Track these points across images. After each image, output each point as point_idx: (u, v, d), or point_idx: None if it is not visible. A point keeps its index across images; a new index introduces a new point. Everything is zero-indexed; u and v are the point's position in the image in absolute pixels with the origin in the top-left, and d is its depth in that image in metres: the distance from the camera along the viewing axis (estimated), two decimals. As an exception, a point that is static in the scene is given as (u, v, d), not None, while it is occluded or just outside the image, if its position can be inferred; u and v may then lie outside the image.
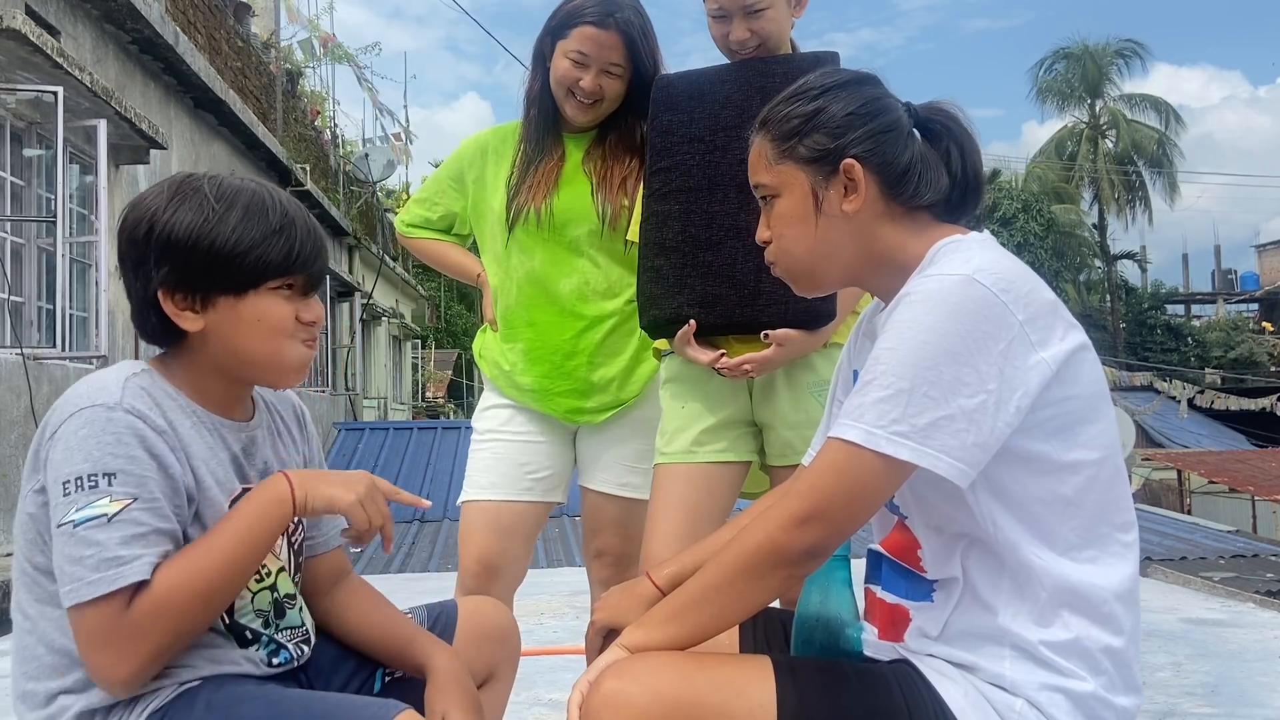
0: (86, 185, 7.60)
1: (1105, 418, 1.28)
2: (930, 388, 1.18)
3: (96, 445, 1.21)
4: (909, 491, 1.30)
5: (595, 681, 1.22)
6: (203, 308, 1.31)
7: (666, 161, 2.03)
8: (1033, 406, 1.21)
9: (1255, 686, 3.34)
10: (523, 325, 2.29)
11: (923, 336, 1.20)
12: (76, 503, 1.19)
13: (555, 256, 2.25)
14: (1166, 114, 36.52)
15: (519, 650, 1.69)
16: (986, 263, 1.24)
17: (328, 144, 16.87)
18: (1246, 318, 39.42)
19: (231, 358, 1.34)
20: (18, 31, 5.64)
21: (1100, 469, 1.26)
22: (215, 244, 1.28)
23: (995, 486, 1.24)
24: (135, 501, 1.21)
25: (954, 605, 1.27)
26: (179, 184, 1.33)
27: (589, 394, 2.27)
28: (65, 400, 1.26)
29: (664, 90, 2.08)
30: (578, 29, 2.17)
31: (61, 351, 6.62)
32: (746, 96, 1.98)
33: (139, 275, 1.32)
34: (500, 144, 2.36)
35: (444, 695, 1.42)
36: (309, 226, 1.36)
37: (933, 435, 1.18)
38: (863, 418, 1.20)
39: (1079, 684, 1.22)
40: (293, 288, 1.34)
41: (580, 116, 2.24)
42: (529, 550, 2.35)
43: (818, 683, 1.23)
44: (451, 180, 2.41)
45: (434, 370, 28.18)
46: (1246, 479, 12.59)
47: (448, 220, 2.43)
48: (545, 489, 2.30)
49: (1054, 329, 1.23)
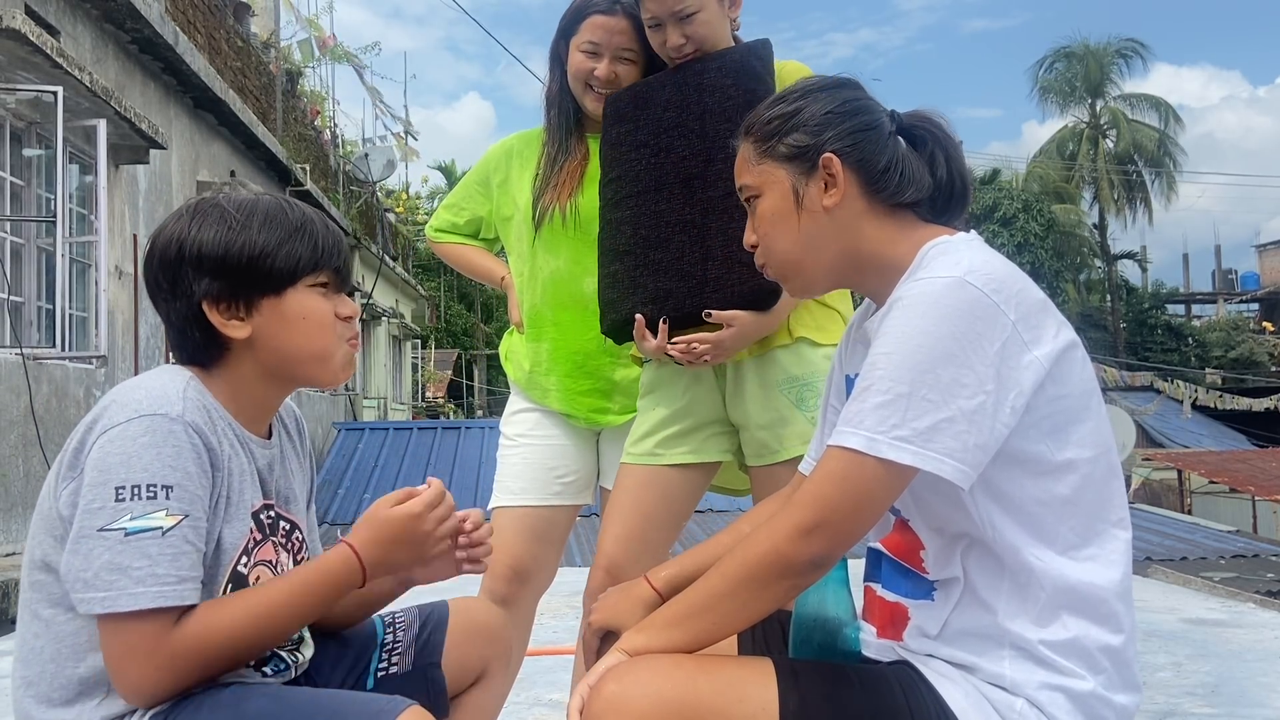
0: (86, 185, 7.60)
1: (1097, 415, 1.28)
2: (929, 390, 1.18)
3: (157, 456, 1.22)
4: (909, 493, 1.30)
5: (596, 685, 1.22)
6: (247, 313, 1.35)
7: (616, 171, 2.07)
8: (1028, 406, 1.22)
9: (1255, 686, 3.34)
10: (548, 325, 2.30)
11: (918, 340, 1.20)
12: (131, 510, 1.19)
13: (579, 256, 2.25)
14: (1166, 113, 36.54)
15: (510, 648, 1.69)
16: (977, 264, 1.24)
17: (327, 144, 16.87)
18: (1247, 318, 39.45)
19: (281, 359, 1.37)
20: (17, 31, 5.64)
21: (1094, 467, 1.26)
22: (245, 249, 1.33)
23: (992, 489, 1.24)
24: (186, 519, 1.22)
25: (954, 605, 1.27)
26: (195, 206, 1.38)
27: (611, 394, 2.28)
28: (120, 402, 1.26)
29: (612, 105, 2.12)
30: (587, 20, 2.21)
31: (61, 351, 6.62)
32: (685, 96, 2.01)
33: (177, 295, 1.35)
34: (525, 147, 2.38)
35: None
36: (326, 223, 1.41)
37: (934, 438, 1.18)
38: (863, 424, 1.20)
39: (1079, 683, 1.22)
40: (327, 286, 1.39)
41: (600, 108, 2.24)
42: (559, 556, 2.37)
43: (820, 685, 1.23)
44: (478, 185, 2.45)
45: (434, 370, 28.20)
46: (1247, 479, 12.59)
47: (474, 225, 2.47)
48: (574, 492, 2.32)
49: (1045, 327, 1.24)
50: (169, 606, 1.20)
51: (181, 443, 1.24)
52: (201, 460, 1.26)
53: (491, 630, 1.65)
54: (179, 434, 1.24)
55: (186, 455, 1.24)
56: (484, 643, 1.63)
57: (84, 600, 1.20)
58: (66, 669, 1.26)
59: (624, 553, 1.99)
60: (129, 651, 1.20)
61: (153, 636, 1.20)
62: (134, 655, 1.20)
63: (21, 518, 6.21)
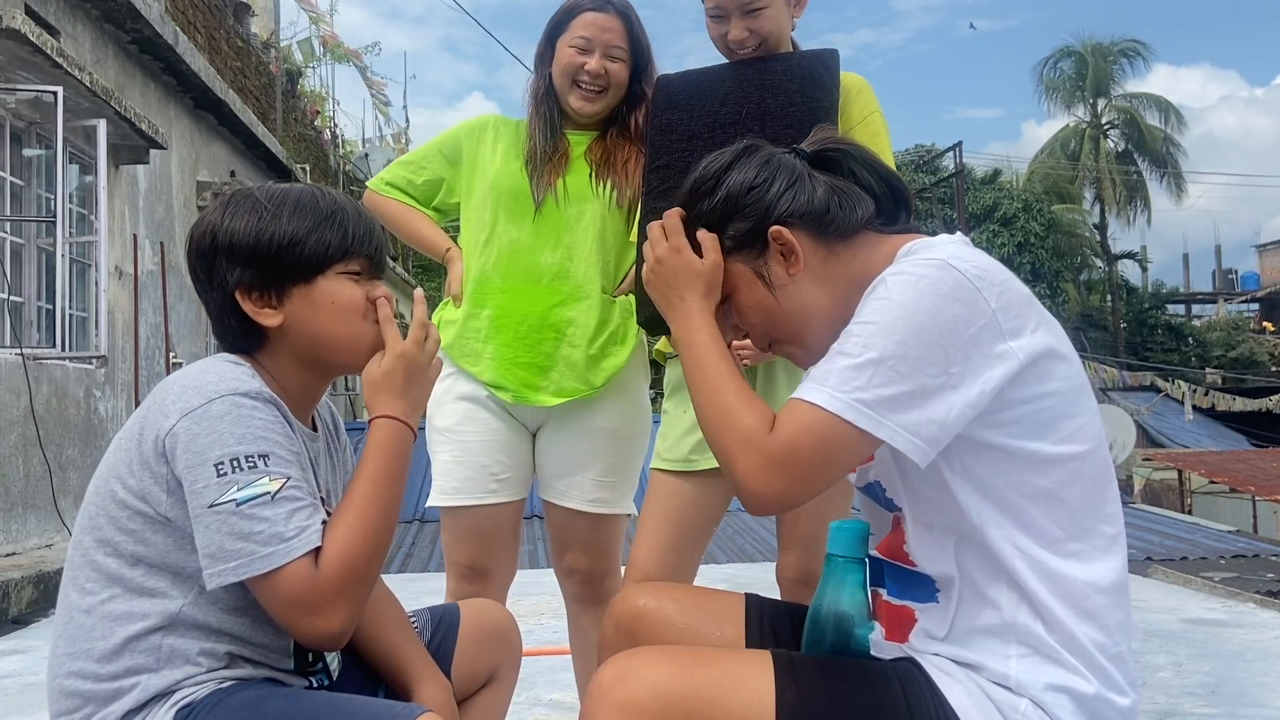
0: (86, 185, 7.60)
1: (1086, 411, 1.28)
2: (897, 362, 1.19)
3: (248, 428, 1.26)
4: (901, 483, 1.30)
5: (595, 677, 1.24)
6: (279, 302, 1.38)
7: (665, 159, 2.04)
8: (1002, 396, 1.22)
9: (1255, 686, 3.34)
10: (494, 291, 2.24)
11: (894, 313, 1.21)
12: (237, 482, 1.23)
13: (543, 231, 2.23)
14: (1168, 113, 36.52)
15: (520, 650, 1.70)
16: (962, 253, 1.25)
17: (327, 144, 16.88)
18: (1247, 318, 39.41)
19: (313, 345, 1.40)
20: (17, 31, 5.64)
21: (1084, 463, 1.26)
22: (275, 238, 1.36)
23: (977, 480, 1.24)
24: (289, 480, 1.27)
25: (956, 604, 1.27)
26: (231, 197, 1.42)
27: (547, 371, 2.21)
28: (193, 387, 1.29)
29: (664, 89, 2.09)
30: (579, 17, 2.21)
31: (61, 352, 6.62)
32: (745, 94, 1.98)
33: (214, 284, 1.39)
34: (502, 126, 2.37)
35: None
36: (358, 210, 1.44)
37: (893, 409, 1.19)
38: (827, 382, 1.21)
39: (1083, 684, 1.22)
40: (359, 274, 1.41)
41: (586, 106, 2.24)
42: (516, 548, 2.33)
43: (817, 678, 1.23)
44: (444, 149, 2.39)
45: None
46: (1247, 479, 12.57)
47: (432, 187, 2.39)
48: (510, 489, 2.25)
49: (1026, 321, 1.24)
50: (301, 555, 1.24)
51: (266, 415, 1.28)
52: (286, 430, 1.31)
53: (502, 633, 1.66)
54: (260, 408, 1.28)
55: (273, 426, 1.29)
56: (495, 646, 1.63)
57: (216, 574, 1.24)
58: (112, 646, 1.28)
59: (658, 565, 1.96)
60: (294, 606, 1.24)
61: (304, 583, 1.24)
62: (297, 606, 1.24)
63: (21, 518, 6.20)
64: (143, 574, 1.29)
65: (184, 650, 1.29)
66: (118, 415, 7.83)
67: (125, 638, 1.28)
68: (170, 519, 1.28)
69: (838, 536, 1.37)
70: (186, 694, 1.27)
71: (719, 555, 6.17)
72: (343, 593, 1.26)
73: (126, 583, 1.29)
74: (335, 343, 1.40)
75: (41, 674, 3.66)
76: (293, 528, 1.24)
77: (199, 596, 1.29)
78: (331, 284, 1.39)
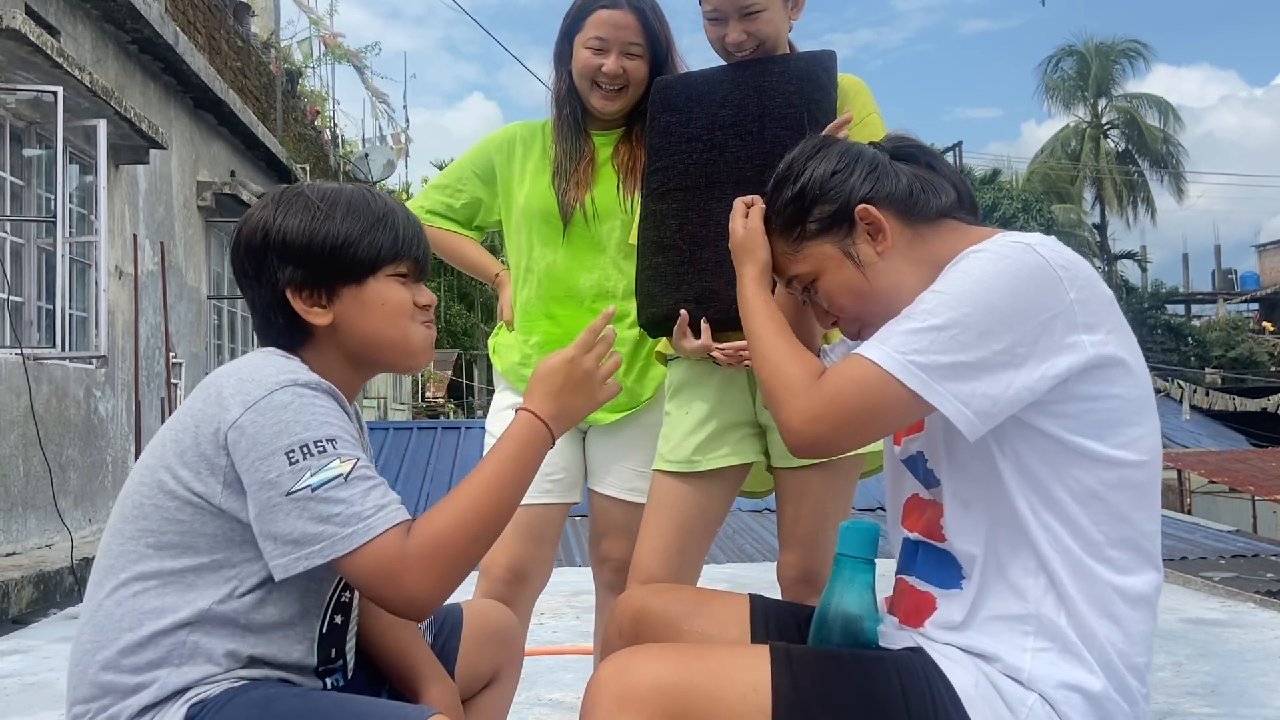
0: (86, 185, 7.60)
1: (1149, 424, 1.28)
2: (962, 332, 1.20)
3: (312, 415, 1.27)
4: (945, 457, 1.31)
5: (595, 674, 1.25)
6: (329, 301, 1.39)
7: (664, 161, 2.04)
8: (1065, 388, 1.22)
9: (1255, 686, 3.34)
10: (540, 317, 2.29)
11: (969, 286, 1.23)
12: (310, 468, 1.24)
13: (578, 252, 2.25)
14: (1168, 113, 36.51)
15: (522, 651, 1.71)
16: (1050, 243, 1.27)
17: (327, 144, 16.87)
18: (1247, 318, 39.37)
19: (362, 343, 1.41)
20: (17, 31, 5.64)
21: (1137, 472, 1.26)
22: (329, 238, 1.37)
23: (1025, 469, 1.25)
24: (359, 461, 1.27)
25: (977, 588, 1.28)
26: (281, 194, 1.42)
27: None
28: (247, 379, 1.29)
29: (662, 91, 2.09)
30: (592, 16, 2.20)
31: (61, 352, 6.62)
32: (743, 95, 1.98)
33: (262, 282, 1.39)
34: (529, 136, 2.37)
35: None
36: (407, 214, 1.45)
37: (947, 376, 1.20)
38: (888, 341, 1.24)
39: (1095, 683, 1.22)
40: (406, 276, 1.42)
41: (608, 105, 2.24)
42: (554, 554, 2.35)
43: (813, 669, 1.24)
44: (476, 168, 2.40)
45: (434, 370, 28.17)
46: (1247, 479, 12.55)
47: (471, 209, 2.42)
48: (562, 490, 2.29)
49: (1103, 321, 1.25)
50: (383, 531, 1.24)
51: (326, 403, 1.30)
52: (346, 418, 1.32)
53: (505, 634, 1.66)
54: (321, 396, 1.30)
55: (335, 412, 1.30)
56: (497, 647, 1.63)
57: (299, 559, 1.24)
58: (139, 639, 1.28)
59: (661, 567, 1.96)
60: (378, 579, 1.24)
61: (391, 559, 1.24)
62: (384, 580, 1.24)
63: (21, 518, 6.21)
64: (183, 567, 1.29)
65: (208, 648, 1.28)
66: (118, 415, 7.83)
67: (153, 631, 1.28)
68: (224, 510, 1.28)
69: (848, 537, 1.37)
70: (199, 691, 1.27)
71: (719, 555, 6.17)
72: (429, 570, 1.25)
73: (163, 575, 1.29)
74: (385, 343, 1.41)
75: (42, 674, 3.66)
76: (370, 506, 1.24)
77: (230, 595, 1.29)
78: (381, 285, 1.40)
